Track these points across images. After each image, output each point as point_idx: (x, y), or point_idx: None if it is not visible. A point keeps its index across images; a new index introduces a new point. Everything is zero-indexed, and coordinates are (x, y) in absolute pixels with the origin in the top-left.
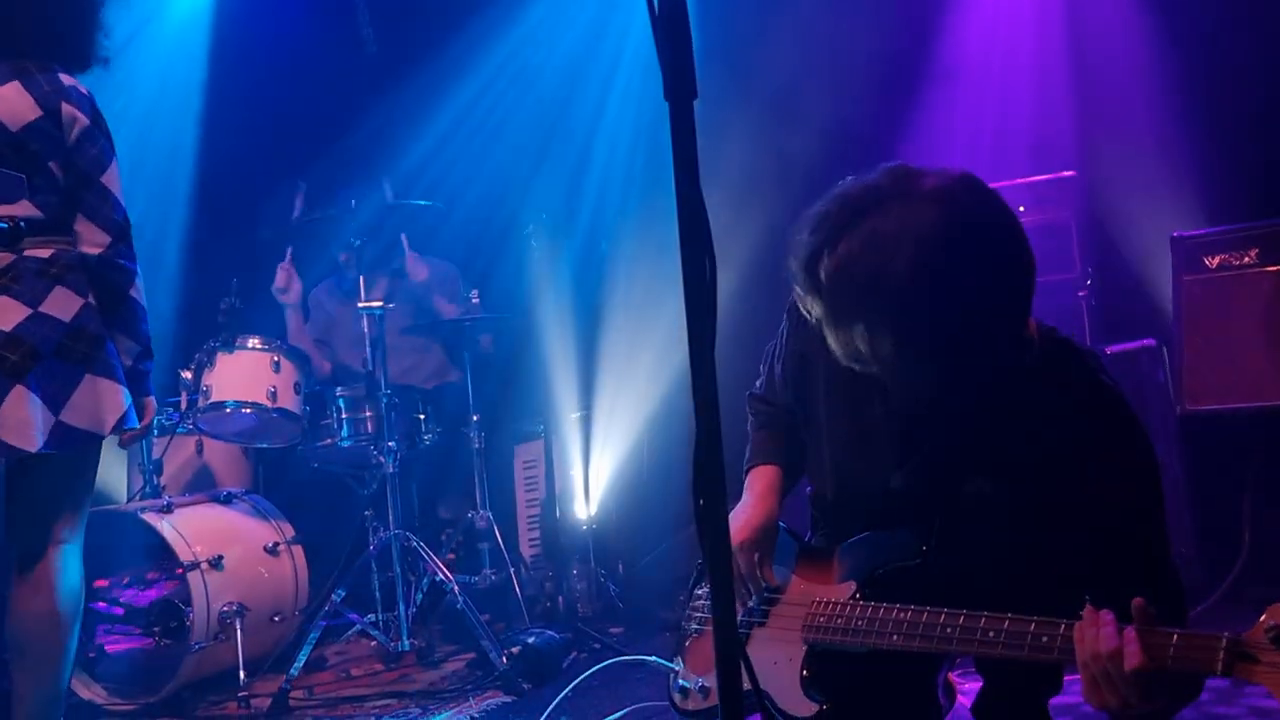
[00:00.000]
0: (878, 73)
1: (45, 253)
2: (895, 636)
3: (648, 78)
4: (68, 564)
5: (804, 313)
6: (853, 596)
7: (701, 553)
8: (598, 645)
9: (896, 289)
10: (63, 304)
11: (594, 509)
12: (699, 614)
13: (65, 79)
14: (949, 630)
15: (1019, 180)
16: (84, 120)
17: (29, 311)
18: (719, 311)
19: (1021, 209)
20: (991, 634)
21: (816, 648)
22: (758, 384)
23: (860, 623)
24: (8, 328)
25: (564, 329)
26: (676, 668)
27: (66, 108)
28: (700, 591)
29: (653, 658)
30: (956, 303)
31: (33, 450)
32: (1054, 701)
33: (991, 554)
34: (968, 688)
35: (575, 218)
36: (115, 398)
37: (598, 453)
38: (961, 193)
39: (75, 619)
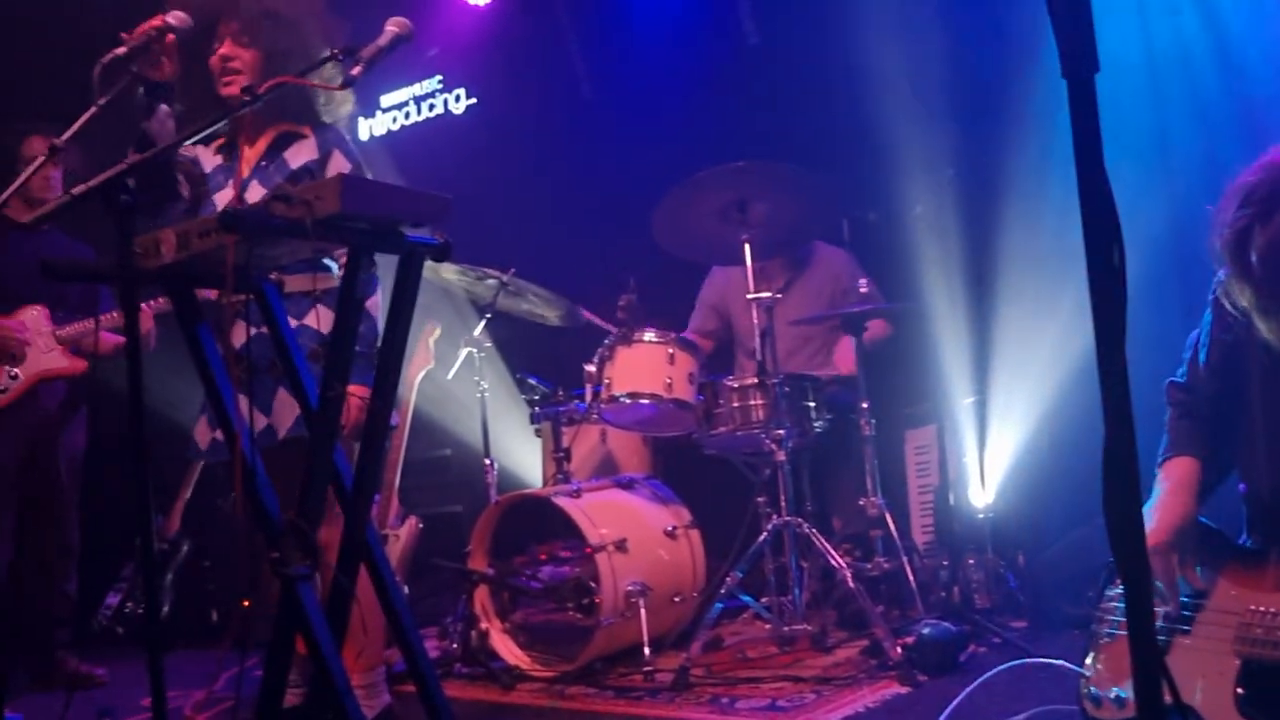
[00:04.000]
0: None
1: None
2: None
3: (1050, 51)
4: None
5: (1225, 302)
6: None
7: (1111, 549)
8: (998, 640)
9: None
10: None
11: (991, 496)
12: (1111, 616)
13: None
14: None
15: None
16: None
17: None
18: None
19: None
20: None
21: (1252, 663)
22: (1179, 372)
23: None
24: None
25: (955, 312)
26: (1088, 673)
27: None
28: (1111, 592)
29: (1060, 660)
30: None
31: None
32: None
33: None
34: None
35: (964, 196)
36: None
37: (994, 439)
38: None
39: None
